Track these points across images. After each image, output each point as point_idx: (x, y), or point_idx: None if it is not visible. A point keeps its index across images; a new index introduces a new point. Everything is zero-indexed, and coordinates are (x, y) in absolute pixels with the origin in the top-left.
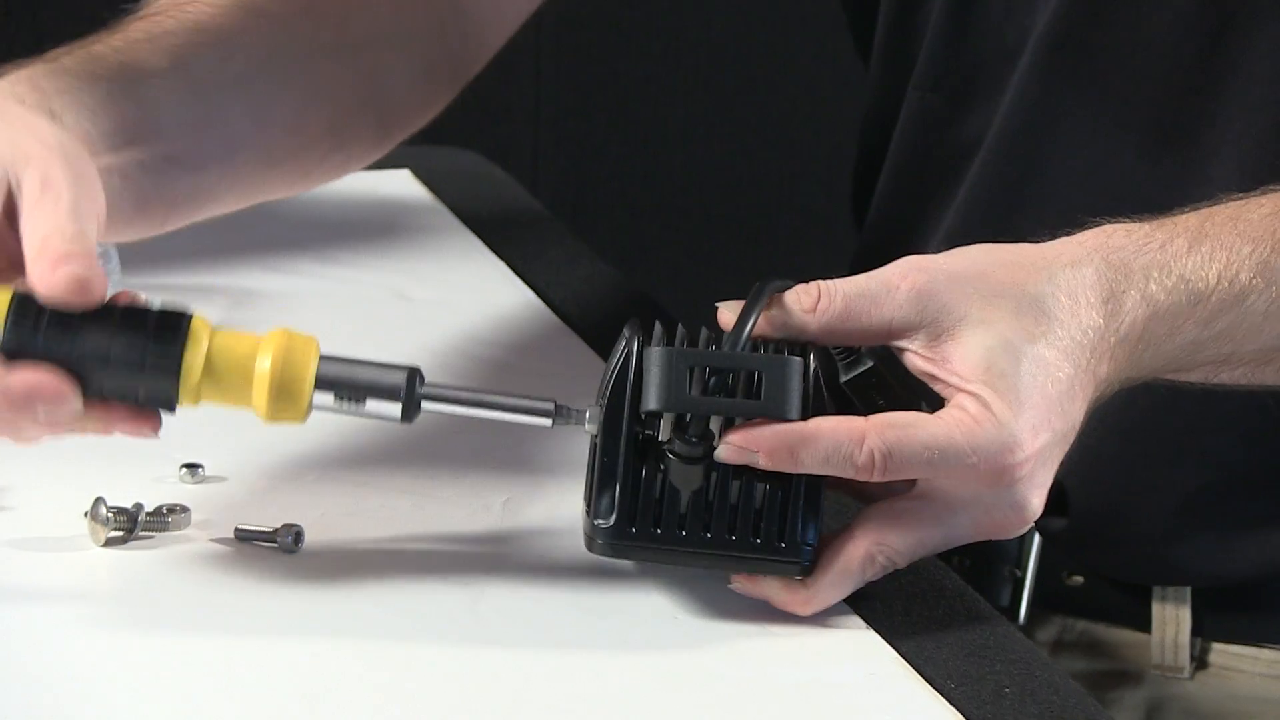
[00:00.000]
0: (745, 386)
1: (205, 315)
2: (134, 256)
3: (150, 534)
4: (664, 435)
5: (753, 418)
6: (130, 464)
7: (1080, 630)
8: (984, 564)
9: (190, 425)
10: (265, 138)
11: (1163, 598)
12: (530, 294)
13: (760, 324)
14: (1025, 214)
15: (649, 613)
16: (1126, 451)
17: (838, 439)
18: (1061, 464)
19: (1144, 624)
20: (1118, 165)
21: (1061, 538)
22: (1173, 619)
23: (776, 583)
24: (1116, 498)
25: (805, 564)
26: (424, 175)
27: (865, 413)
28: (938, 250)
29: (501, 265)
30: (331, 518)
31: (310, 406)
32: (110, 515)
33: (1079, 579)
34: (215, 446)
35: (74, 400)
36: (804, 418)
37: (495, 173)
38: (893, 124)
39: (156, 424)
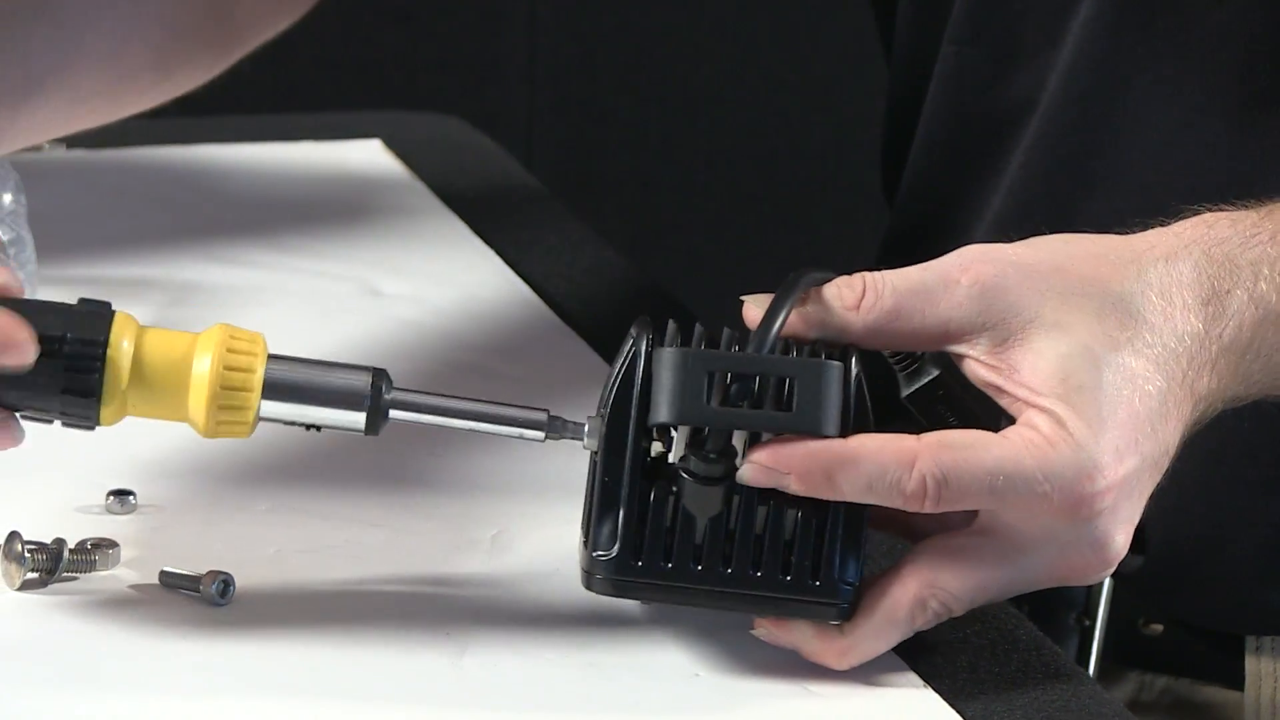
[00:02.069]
0: (774, 395)
1: (133, 313)
2: (51, 243)
3: (74, 575)
4: (677, 452)
5: (783, 433)
6: (49, 492)
7: (1161, 688)
8: (1045, 611)
9: (119, 444)
10: (73, 72)
11: (1257, 649)
12: (524, 287)
13: (794, 322)
14: (1091, 193)
15: (664, 669)
16: (1214, 476)
17: (883, 461)
18: None
19: (1236, 680)
20: (1201, 134)
21: (1138, 579)
22: (1269, 674)
23: (809, 629)
24: (1202, 531)
25: (844, 606)
26: (398, 146)
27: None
28: (985, 237)
29: (490, 253)
30: (287, 555)
31: (257, 418)
32: (27, 553)
33: (1158, 628)
34: (149, 470)
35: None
36: (844, 434)
37: (482, 142)
38: (925, 85)
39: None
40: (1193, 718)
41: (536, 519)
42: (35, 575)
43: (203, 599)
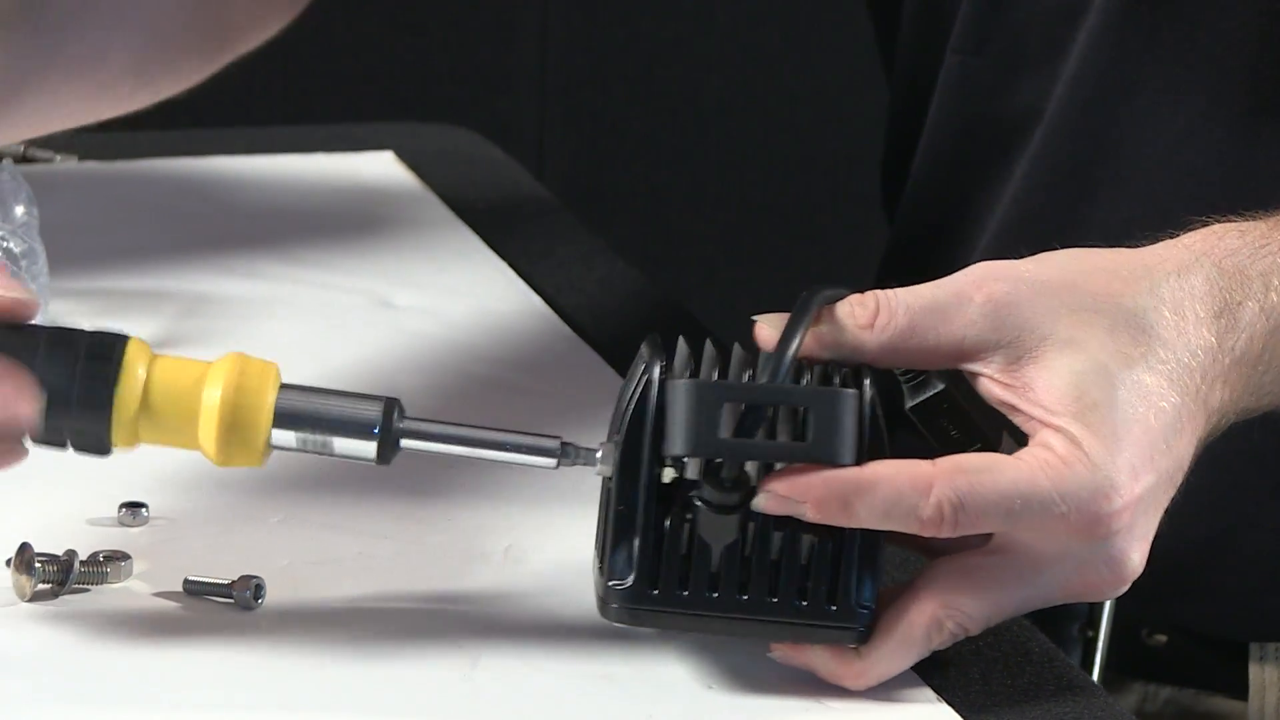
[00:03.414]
0: (789, 424)
1: (146, 330)
2: (64, 255)
3: (85, 587)
4: (691, 477)
5: (798, 463)
6: (61, 503)
7: (1165, 698)
8: (1048, 622)
9: (132, 457)
10: (53, 79)
11: (1261, 657)
12: (536, 299)
13: (807, 343)
14: (1095, 200)
15: (677, 683)
16: (1219, 481)
17: (899, 488)
18: None
19: (1239, 689)
20: (1206, 141)
21: (1141, 588)
22: (1274, 682)
23: (825, 651)
24: (1208, 537)
25: (861, 629)
26: (410, 157)
27: (936, 445)
28: (989, 245)
29: (502, 265)
30: (299, 567)
31: (269, 447)
32: (38, 565)
33: (1162, 638)
34: (161, 483)
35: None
36: (859, 461)
37: (494, 154)
38: (929, 95)
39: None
40: None
41: (549, 532)
42: (46, 586)
43: (229, 606)
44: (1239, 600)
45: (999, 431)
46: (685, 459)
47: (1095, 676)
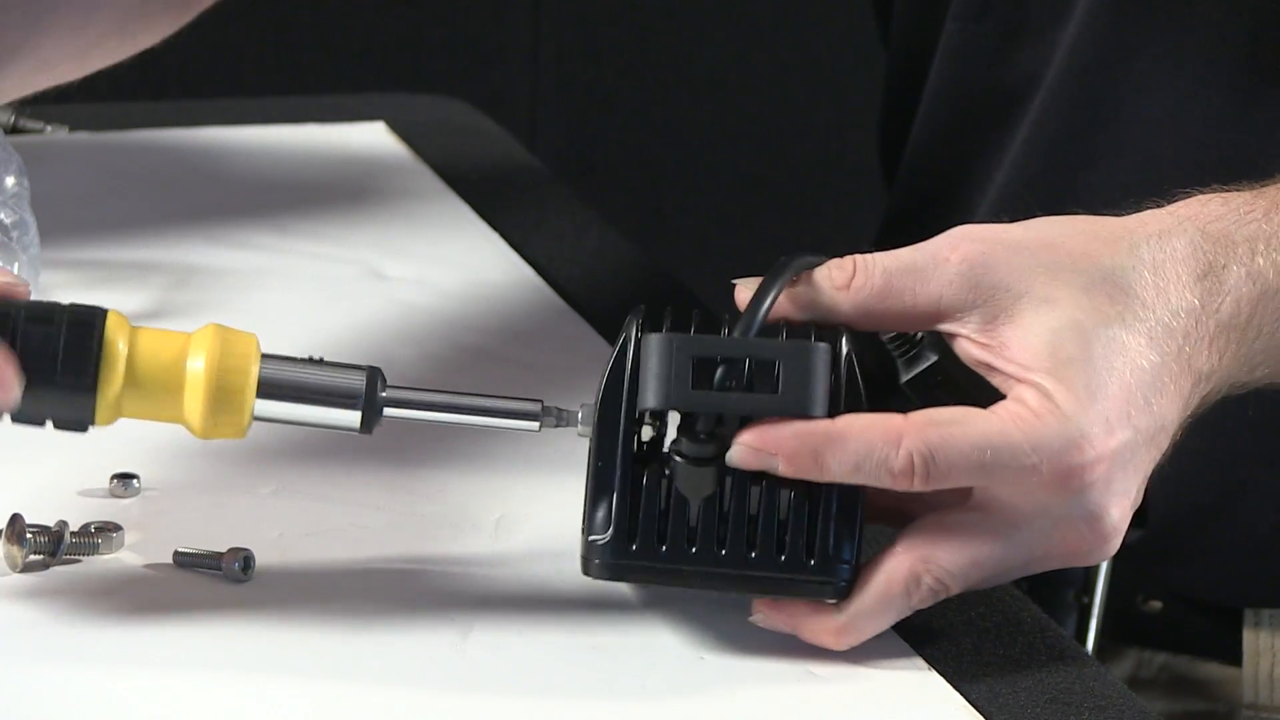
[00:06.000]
0: (763, 378)
1: (137, 301)
2: (55, 226)
3: (76, 557)
4: (668, 433)
5: (770, 415)
6: (52, 474)
7: (1160, 664)
8: (1043, 589)
9: (122, 428)
10: (42, 42)
11: (1256, 623)
12: (529, 271)
13: (783, 304)
14: (1094, 168)
15: (669, 651)
16: (1214, 446)
17: (870, 440)
18: None
19: (1234, 656)
20: (1204, 108)
21: (1137, 553)
22: (1268, 649)
23: (805, 609)
24: (1203, 502)
25: (840, 584)
26: (402, 128)
27: None
28: (988, 212)
29: (494, 236)
30: (291, 539)
31: (252, 418)
32: (30, 536)
33: (1157, 604)
34: (152, 454)
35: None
36: (833, 415)
37: (486, 125)
38: (927, 63)
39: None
40: (1191, 694)
41: (541, 502)
42: (38, 558)
43: (221, 577)
44: (1234, 566)
45: (991, 402)
46: (664, 414)
47: (1090, 643)
